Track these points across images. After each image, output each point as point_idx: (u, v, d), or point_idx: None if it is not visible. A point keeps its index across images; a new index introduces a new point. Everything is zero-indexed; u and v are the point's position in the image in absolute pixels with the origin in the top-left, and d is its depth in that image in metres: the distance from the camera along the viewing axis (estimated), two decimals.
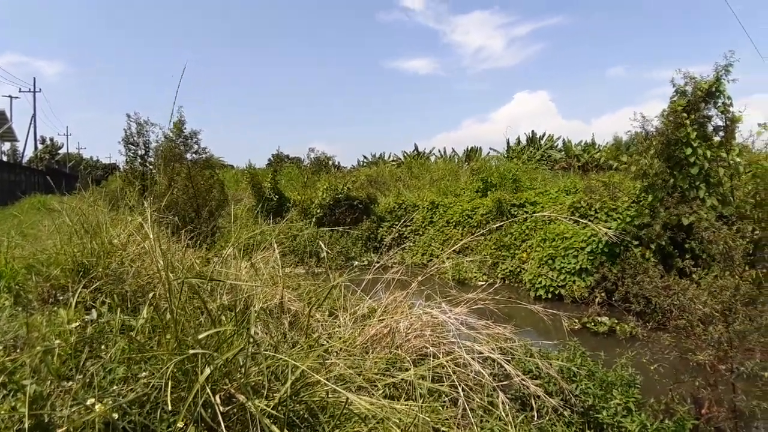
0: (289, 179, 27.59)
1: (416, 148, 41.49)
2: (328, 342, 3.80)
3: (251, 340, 2.55)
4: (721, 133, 9.86)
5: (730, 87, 9.81)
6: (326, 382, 2.37)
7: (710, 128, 10.02)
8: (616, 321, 9.58)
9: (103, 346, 2.73)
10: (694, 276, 6.27)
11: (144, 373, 2.47)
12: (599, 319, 9.86)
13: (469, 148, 39.52)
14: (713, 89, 9.65)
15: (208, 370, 2.15)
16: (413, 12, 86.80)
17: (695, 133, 9.54)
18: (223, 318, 3.19)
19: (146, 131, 19.09)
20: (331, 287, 4.58)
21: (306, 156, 31.43)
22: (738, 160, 9.73)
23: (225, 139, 74.17)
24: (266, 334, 3.78)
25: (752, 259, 7.19)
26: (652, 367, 5.62)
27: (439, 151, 40.70)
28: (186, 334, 2.61)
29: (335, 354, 3.46)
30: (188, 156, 16.08)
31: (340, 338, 3.97)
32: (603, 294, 10.52)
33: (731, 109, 9.80)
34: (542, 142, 39.06)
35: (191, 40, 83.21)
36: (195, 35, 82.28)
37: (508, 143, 39.07)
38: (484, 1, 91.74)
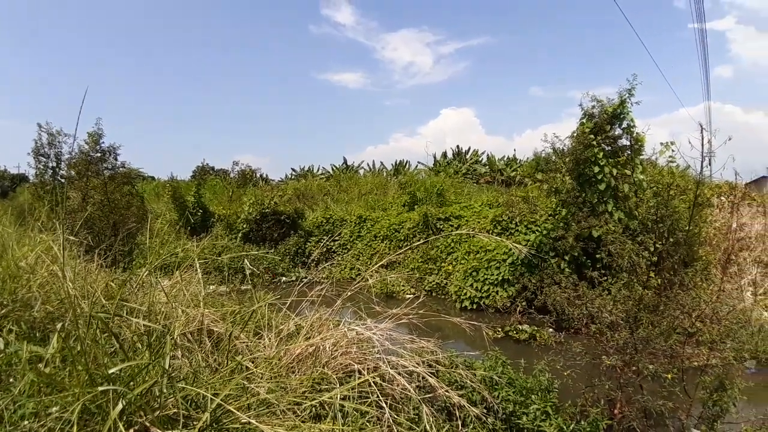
0: (214, 192, 26.71)
1: (345, 162, 41.47)
2: (251, 364, 3.73)
3: (166, 371, 2.48)
4: (627, 152, 10.61)
5: (635, 108, 10.62)
6: (239, 414, 2.33)
7: (617, 147, 10.75)
8: (536, 328, 10.02)
9: (11, 379, 2.57)
10: (604, 284, 6.70)
11: (55, 408, 2.34)
12: (520, 327, 10.28)
13: (397, 162, 39.98)
14: (618, 112, 10.41)
15: (120, 405, 2.08)
16: (344, 27, 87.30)
17: (602, 153, 10.25)
18: (140, 345, 3.07)
19: (59, 142, 17.94)
20: (255, 308, 4.52)
21: (231, 168, 30.66)
22: (641, 177, 10.53)
23: (145, 148, 70.81)
24: (187, 358, 3.68)
25: (657, 269, 7.75)
26: (565, 373, 5.92)
27: (368, 164, 40.89)
28: (99, 364, 2.50)
29: (260, 376, 3.42)
30: (105, 170, 15.24)
31: (264, 359, 3.91)
32: (524, 303, 10.96)
33: (635, 129, 10.60)
34: (468, 157, 40.16)
35: (114, 48, 79.25)
36: (119, 42, 78.46)
37: (435, 157, 39.93)
38: (413, 20, 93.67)
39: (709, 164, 9.18)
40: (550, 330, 9.92)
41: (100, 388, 2.22)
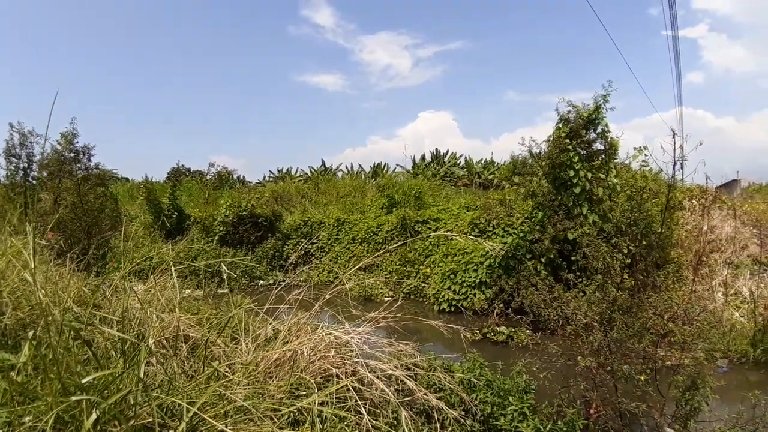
0: (189, 194, 26.32)
1: (323, 164, 41.33)
2: (229, 370, 3.69)
3: (141, 379, 2.44)
4: (602, 156, 10.79)
5: (609, 114, 10.82)
6: (215, 422, 2.30)
7: (592, 152, 10.93)
8: (513, 330, 10.10)
9: None
10: (579, 286, 6.80)
11: (28, 417, 2.29)
12: (498, 329, 10.37)
13: (375, 164, 39.97)
14: (593, 117, 10.59)
15: (94, 415, 2.04)
16: (323, 29, 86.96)
17: (577, 157, 10.41)
18: (114, 353, 3.02)
19: (30, 142, 17.45)
20: (232, 314, 4.48)
21: (207, 170, 30.24)
22: (615, 181, 10.73)
23: (120, 148, 69.45)
24: (162, 365, 3.62)
25: (631, 270, 7.89)
26: (541, 375, 5.99)
27: (347, 166, 40.82)
28: (72, 372, 2.45)
29: (237, 382, 3.38)
30: (79, 171, 14.89)
31: (242, 365, 3.87)
32: (501, 305, 11.05)
33: (609, 134, 10.80)
34: (446, 160, 40.39)
35: (87, 48, 77.50)
36: (92, 41, 76.68)
37: (413, 160, 40.07)
38: (392, 23, 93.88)
39: (681, 168, 9.43)
40: (527, 331, 9.98)
41: (74, 398, 2.18)
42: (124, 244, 9.75)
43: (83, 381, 2.32)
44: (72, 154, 14.95)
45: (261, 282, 15.92)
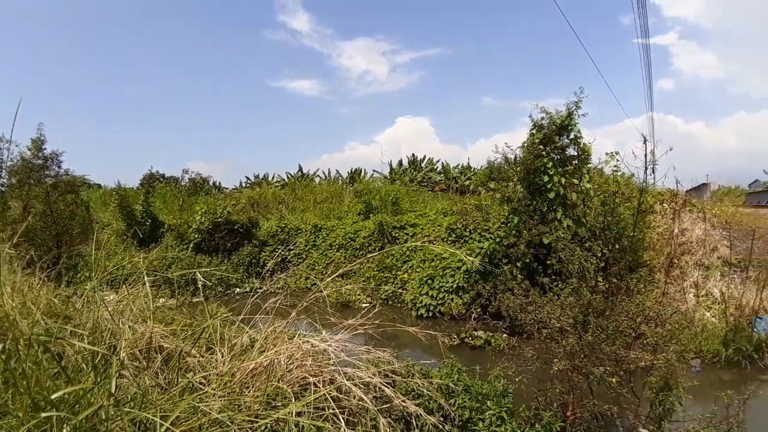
0: (163, 201, 25.87)
1: (301, 169, 41.13)
2: (204, 381, 3.63)
3: (112, 394, 2.39)
4: (575, 162, 10.97)
5: (582, 120, 11.03)
6: None
7: (565, 157, 11.10)
8: (490, 334, 10.16)
9: None
10: (555, 289, 6.88)
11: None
12: (476, 333, 10.42)
13: (353, 170, 39.92)
14: (566, 123, 10.77)
15: (65, 431, 1.99)
16: (299, 34, 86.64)
17: (551, 163, 10.58)
18: (84, 366, 2.95)
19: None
20: (207, 324, 4.41)
21: (181, 176, 29.75)
22: (588, 186, 10.92)
23: (92, 154, 67.91)
24: (135, 378, 3.55)
25: (605, 273, 8.02)
26: (517, 379, 6.04)
27: (324, 172, 40.68)
28: (42, 387, 2.39)
29: (212, 394, 3.33)
30: (48, 178, 14.58)
31: (217, 376, 3.81)
32: (478, 310, 11.13)
33: (582, 140, 10.99)
34: (423, 165, 40.56)
35: (58, 50, 75.59)
36: (62, 44, 74.83)
37: (390, 165, 40.15)
38: (369, 29, 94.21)
39: (653, 172, 9.63)
40: (504, 335, 10.10)
41: (44, 414, 2.13)
42: (95, 253, 9.52)
43: (53, 396, 2.27)
44: (41, 161, 14.65)
45: (237, 290, 15.74)
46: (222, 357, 4.37)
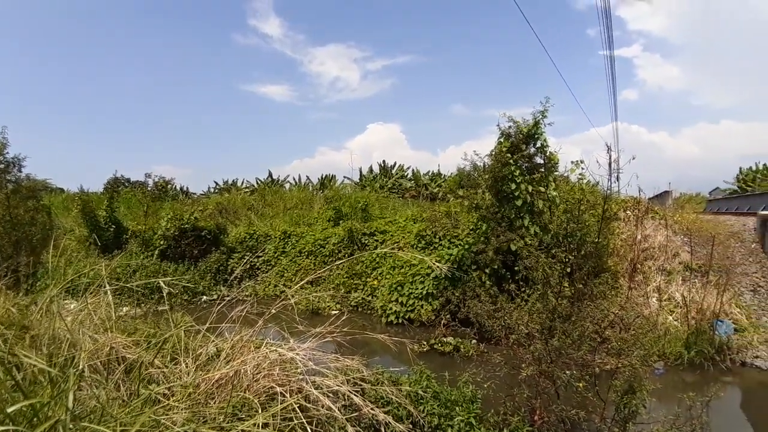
0: (128, 206, 25.23)
1: (270, 175, 40.75)
2: (167, 393, 3.54)
3: (69, 409, 2.30)
4: (542, 170, 11.16)
5: (549, 128, 11.24)
6: None
7: (532, 165, 11.28)
8: (459, 340, 10.22)
9: None
10: (522, 295, 6.96)
11: None
12: (445, 339, 10.46)
13: (323, 176, 39.79)
14: (533, 132, 10.96)
15: None
16: (271, 38, 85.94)
17: (518, 171, 10.74)
18: (42, 379, 2.84)
19: None
20: (171, 333, 4.31)
21: (144, 180, 29.05)
22: (554, 194, 11.12)
23: (54, 157, 65.86)
24: (98, 388, 3.44)
25: (570, 279, 8.15)
26: (485, 385, 6.09)
27: (294, 178, 40.38)
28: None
29: (176, 406, 3.25)
30: (8, 183, 14.08)
31: (181, 386, 3.72)
32: (448, 316, 11.18)
33: (548, 149, 11.20)
34: (393, 172, 40.69)
35: (18, 48, 73.08)
36: (27, 46, 72.36)
37: (361, 172, 40.16)
38: (341, 35, 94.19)
39: (617, 180, 9.89)
40: (473, 341, 10.17)
41: (0, 429, 2.04)
42: (56, 260, 9.22)
43: (9, 410, 2.18)
44: (2, 165, 14.16)
45: (204, 297, 15.45)
46: (186, 367, 4.27)
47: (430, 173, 40.24)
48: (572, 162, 11.51)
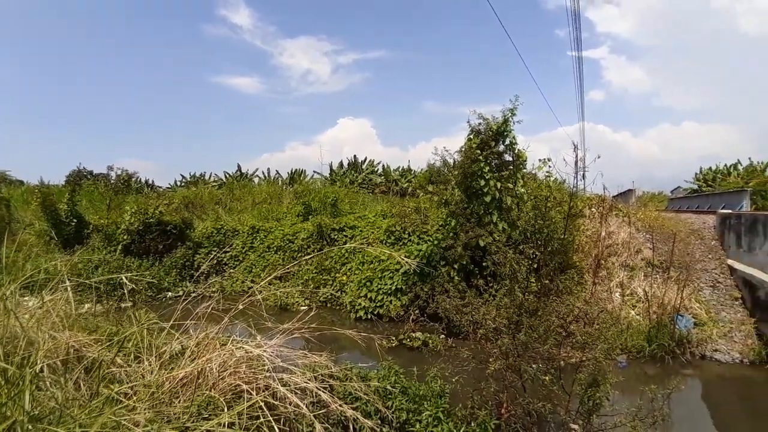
0: (90, 200, 24.52)
1: (239, 169, 40.15)
2: (130, 392, 3.44)
3: (26, 410, 2.22)
4: (510, 167, 11.28)
5: (519, 126, 11.35)
6: None
7: (501, 162, 11.39)
8: (428, 335, 10.28)
9: None
10: (491, 290, 7.02)
11: None
12: (414, 335, 10.50)
13: (293, 171, 39.47)
14: (502, 129, 11.06)
15: None
16: (240, 29, 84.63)
17: (488, 168, 10.83)
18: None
19: None
20: (134, 330, 4.20)
21: (107, 173, 28.26)
22: (522, 190, 11.27)
23: (14, 148, 63.48)
24: (56, 388, 3.32)
25: (537, 275, 8.27)
26: (453, 379, 6.13)
27: (263, 172, 39.93)
28: None
29: (139, 405, 3.16)
30: None
31: (144, 386, 3.63)
32: (417, 311, 11.24)
33: (517, 146, 11.32)
34: (364, 167, 40.65)
35: None
36: None
37: (331, 167, 39.98)
38: (312, 28, 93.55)
39: (583, 178, 10.06)
40: (442, 336, 10.24)
41: None
42: (14, 255, 8.87)
43: None
44: None
45: (169, 294, 15.11)
46: (150, 366, 4.17)
47: (400, 169, 40.37)
48: (540, 160, 11.69)
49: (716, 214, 14.30)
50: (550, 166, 11.30)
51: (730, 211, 14.53)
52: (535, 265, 8.15)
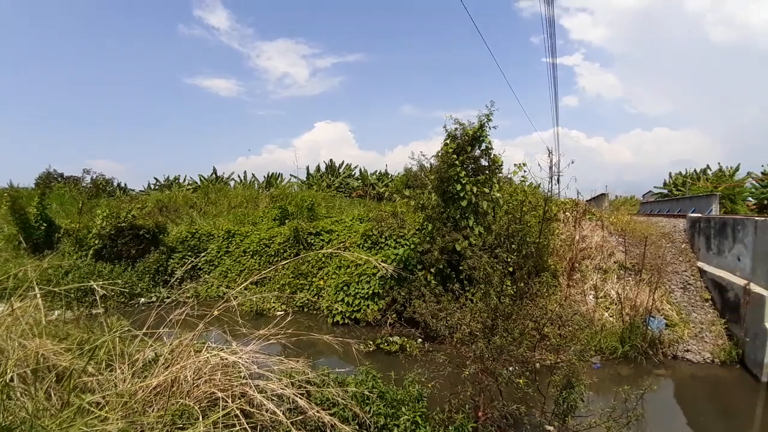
0: (61, 203, 23.94)
1: (215, 172, 39.65)
2: (102, 401, 3.37)
3: None
4: (486, 172, 11.39)
5: (495, 130, 11.49)
6: None
7: (478, 167, 11.50)
8: (405, 340, 10.29)
9: None
10: (467, 294, 7.07)
11: None
12: (391, 339, 10.50)
13: (270, 174, 39.16)
14: (478, 134, 11.18)
15: None
16: (217, 31, 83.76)
17: (464, 172, 10.92)
18: None
19: None
20: (106, 338, 4.11)
21: (82, 177, 27.64)
22: (498, 195, 11.39)
23: None
24: (28, 398, 3.24)
25: (513, 278, 8.35)
26: (430, 384, 6.16)
27: (239, 175, 39.54)
28: None
29: (111, 415, 3.10)
30: None
31: (117, 394, 3.55)
32: (394, 315, 11.25)
33: (493, 151, 11.46)
34: (341, 171, 40.57)
35: None
36: None
37: (308, 170, 39.80)
38: (290, 31, 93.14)
39: (557, 183, 10.22)
40: (419, 340, 10.26)
41: None
42: None
43: None
44: None
45: (142, 300, 14.85)
46: (122, 374, 4.09)
47: (377, 173, 40.39)
48: (515, 164, 11.86)
49: (686, 217, 14.64)
50: (525, 171, 11.46)
51: (699, 214, 14.90)
52: (511, 269, 8.23)
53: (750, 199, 32.00)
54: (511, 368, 6.00)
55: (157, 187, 38.98)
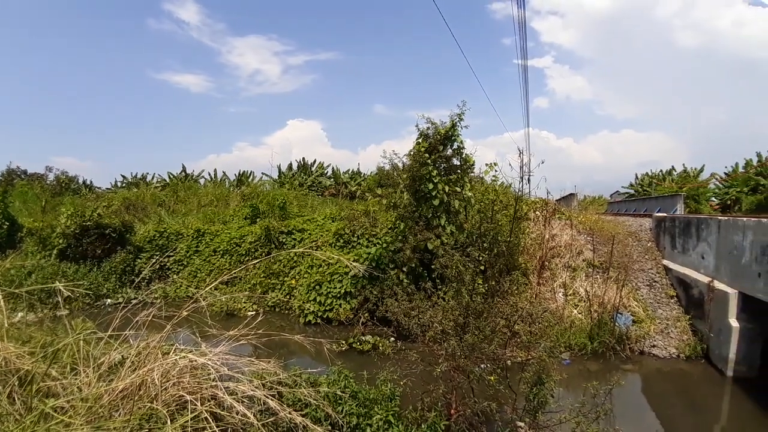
0: (24, 201, 23.22)
1: (184, 170, 38.94)
2: (66, 405, 3.27)
3: None
4: (458, 171, 11.46)
5: (467, 129, 11.56)
6: None
7: (450, 166, 11.56)
8: (378, 339, 10.30)
9: None
10: (439, 293, 7.10)
11: None
12: (364, 338, 10.52)
13: (241, 172, 38.69)
14: (450, 134, 11.24)
15: None
16: (187, 25, 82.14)
17: (436, 171, 10.97)
18: None
19: None
20: (70, 340, 3.99)
21: (45, 174, 26.83)
22: (469, 194, 11.48)
23: None
24: None
25: (484, 276, 8.43)
26: (402, 382, 6.18)
27: (210, 173, 38.93)
28: None
29: (76, 420, 3.00)
30: None
31: (82, 398, 3.45)
32: (366, 314, 11.25)
33: (464, 151, 11.54)
34: (313, 169, 40.35)
35: None
36: None
37: (280, 169, 39.47)
38: (262, 27, 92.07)
39: (528, 182, 10.35)
40: (392, 339, 10.28)
41: None
42: None
43: None
44: None
45: (108, 301, 14.48)
46: (87, 378, 3.97)
47: (350, 171, 40.31)
48: (487, 164, 11.97)
49: (652, 217, 15.02)
50: (496, 171, 11.57)
51: (665, 214, 15.27)
52: (482, 267, 8.30)
53: (713, 199, 33.12)
54: (482, 366, 6.06)
55: (124, 185, 38.08)
